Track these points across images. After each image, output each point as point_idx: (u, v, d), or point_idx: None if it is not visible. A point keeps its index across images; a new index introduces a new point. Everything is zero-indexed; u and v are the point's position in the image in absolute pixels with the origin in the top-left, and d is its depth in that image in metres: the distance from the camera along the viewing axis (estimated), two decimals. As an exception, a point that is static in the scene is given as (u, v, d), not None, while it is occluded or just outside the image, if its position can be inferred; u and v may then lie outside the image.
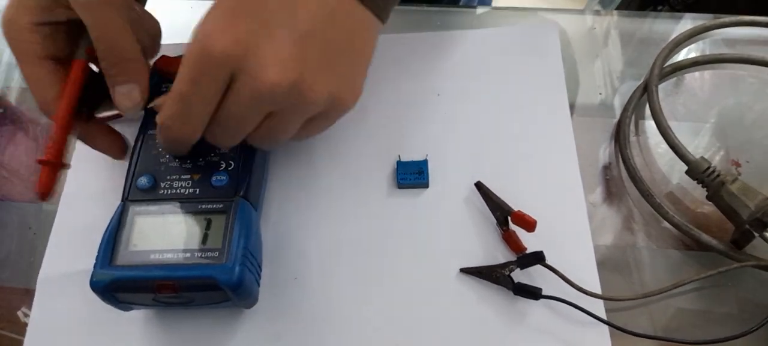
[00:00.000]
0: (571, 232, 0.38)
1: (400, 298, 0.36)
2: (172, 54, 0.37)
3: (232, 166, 0.34)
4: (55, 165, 0.31)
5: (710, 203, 0.38)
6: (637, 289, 0.37)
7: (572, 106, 0.43)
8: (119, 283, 0.31)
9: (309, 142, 0.42)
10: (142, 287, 0.31)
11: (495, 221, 0.38)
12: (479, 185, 0.39)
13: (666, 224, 0.39)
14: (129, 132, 0.37)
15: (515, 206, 0.37)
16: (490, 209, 0.38)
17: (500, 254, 0.37)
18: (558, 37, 0.45)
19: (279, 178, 0.41)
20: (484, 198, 0.38)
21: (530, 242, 0.36)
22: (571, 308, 0.35)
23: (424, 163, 0.40)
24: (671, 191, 0.40)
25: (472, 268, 0.36)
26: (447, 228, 0.38)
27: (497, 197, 0.38)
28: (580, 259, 0.37)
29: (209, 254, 0.31)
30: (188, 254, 0.31)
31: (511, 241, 0.37)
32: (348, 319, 0.36)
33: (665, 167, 0.41)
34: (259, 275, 0.34)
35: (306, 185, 0.40)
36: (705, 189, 0.38)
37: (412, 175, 0.39)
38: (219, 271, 0.30)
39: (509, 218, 0.36)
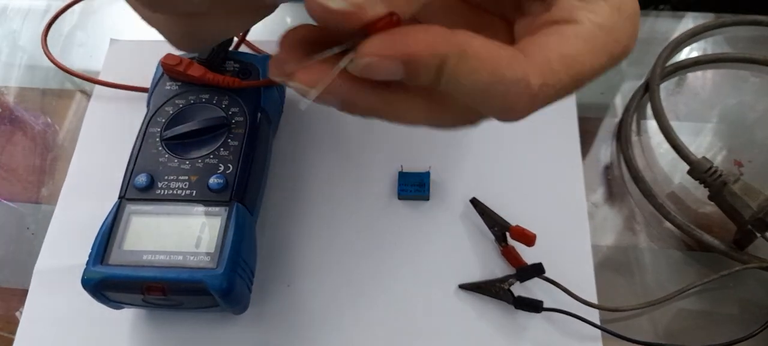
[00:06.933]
0: (570, 245, 0.37)
1: (396, 312, 0.36)
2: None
3: (231, 170, 0.34)
4: None
5: (712, 203, 0.37)
6: (639, 290, 0.36)
7: (573, 106, 0.43)
8: (109, 282, 0.31)
9: (310, 147, 0.42)
10: (132, 288, 0.31)
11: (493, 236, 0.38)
12: (475, 201, 0.38)
13: (668, 224, 0.38)
14: (130, 128, 0.37)
15: (516, 218, 0.36)
16: (487, 225, 0.38)
17: (498, 269, 0.37)
18: None
19: (278, 182, 0.40)
20: (480, 214, 0.38)
21: (529, 254, 0.36)
22: (572, 319, 0.34)
23: (427, 175, 0.39)
24: (673, 191, 0.40)
25: (471, 283, 0.36)
26: (445, 242, 0.38)
27: (494, 213, 0.37)
28: (578, 271, 0.36)
29: (201, 258, 0.31)
30: (180, 257, 0.31)
31: (510, 256, 0.36)
32: (341, 331, 0.35)
33: (667, 167, 0.41)
34: (251, 282, 0.34)
35: (305, 191, 0.40)
36: (707, 189, 0.37)
37: (412, 186, 0.39)
38: (209, 276, 0.30)
39: (507, 233, 0.36)
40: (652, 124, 0.42)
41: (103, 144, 0.42)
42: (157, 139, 0.36)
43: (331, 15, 0.16)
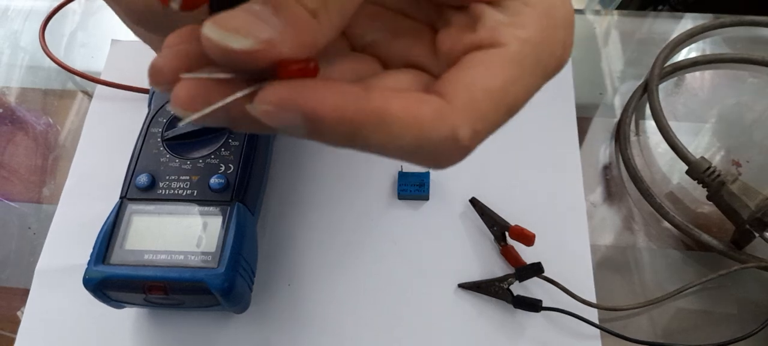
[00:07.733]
0: (569, 244, 0.37)
1: (396, 312, 0.36)
2: None
3: (231, 170, 0.34)
4: None
5: (710, 202, 0.38)
6: (637, 289, 0.37)
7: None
8: (110, 282, 0.31)
9: (311, 147, 0.42)
10: (133, 287, 0.31)
11: (492, 236, 0.38)
12: (474, 201, 0.38)
13: (666, 224, 0.39)
14: (131, 128, 0.37)
15: (515, 218, 0.36)
16: (486, 225, 0.38)
17: (498, 268, 0.37)
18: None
19: (278, 182, 0.41)
20: (479, 214, 0.38)
21: (528, 254, 0.36)
22: (571, 318, 0.34)
23: (426, 175, 0.39)
24: (671, 191, 0.40)
25: (470, 283, 0.36)
26: (445, 242, 0.38)
27: (493, 212, 0.37)
28: (577, 270, 0.36)
29: (202, 257, 0.31)
30: (181, 257, 0.31)
31: (509, 255, 0.36)
32: (341, 330, 0.36)
33: (665, 167, 0.41)
34: (252, 281, 0.34)
35: (305, 191, 0.40)
36: (705, 189, 0.38)
37: (412, 186, 0.39)
38: (210, 275, 0.30)
39: (507, 233, 0.36)
40: (650, 125, 0.42)
41: (104, 144, 0.43)
42: (159, 140, 0.36)
43: (234, 56, 0.14)
